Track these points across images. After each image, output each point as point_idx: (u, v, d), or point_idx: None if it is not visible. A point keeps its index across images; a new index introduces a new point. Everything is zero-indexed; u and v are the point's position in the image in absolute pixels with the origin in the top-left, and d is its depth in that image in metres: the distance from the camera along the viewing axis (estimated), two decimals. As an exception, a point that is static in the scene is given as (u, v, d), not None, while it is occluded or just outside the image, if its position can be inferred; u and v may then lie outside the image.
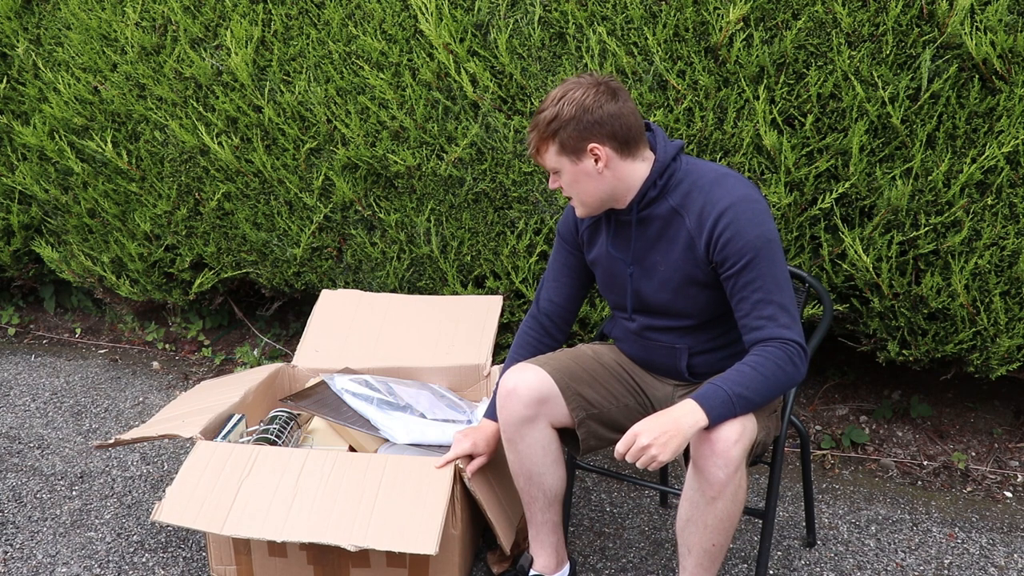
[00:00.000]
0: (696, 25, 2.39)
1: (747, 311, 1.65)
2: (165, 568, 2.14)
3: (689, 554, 1.71)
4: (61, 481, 2.56)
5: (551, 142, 1.69)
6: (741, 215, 1.64)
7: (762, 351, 1.62)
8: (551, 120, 1.67)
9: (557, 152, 1.70)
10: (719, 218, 1.65)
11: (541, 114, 1.69)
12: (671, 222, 1.73)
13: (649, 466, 1.53)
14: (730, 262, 1.65)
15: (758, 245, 1.63)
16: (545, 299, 1.99)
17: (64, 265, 3.52)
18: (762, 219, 1.65)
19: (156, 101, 3.11)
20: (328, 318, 2.57)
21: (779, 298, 1.64)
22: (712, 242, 1.67)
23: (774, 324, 1.63)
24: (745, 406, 1.58)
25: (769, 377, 1.60)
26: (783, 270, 1.66)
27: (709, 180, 1.70)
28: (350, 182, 2.90)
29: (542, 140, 1.70)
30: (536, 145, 1.72)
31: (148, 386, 3.26)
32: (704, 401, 1.57)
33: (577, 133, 1.67)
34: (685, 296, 1.77)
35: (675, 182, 1.73)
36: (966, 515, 2.33)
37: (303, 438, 2.23)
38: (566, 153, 1.69)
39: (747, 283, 1.65)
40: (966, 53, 2.19)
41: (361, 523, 1.74)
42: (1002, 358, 2.37)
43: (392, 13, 2.70)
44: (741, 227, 1.64)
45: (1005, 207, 2.25)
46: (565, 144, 1.68)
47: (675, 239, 1.73)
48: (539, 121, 1.69)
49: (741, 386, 1.58)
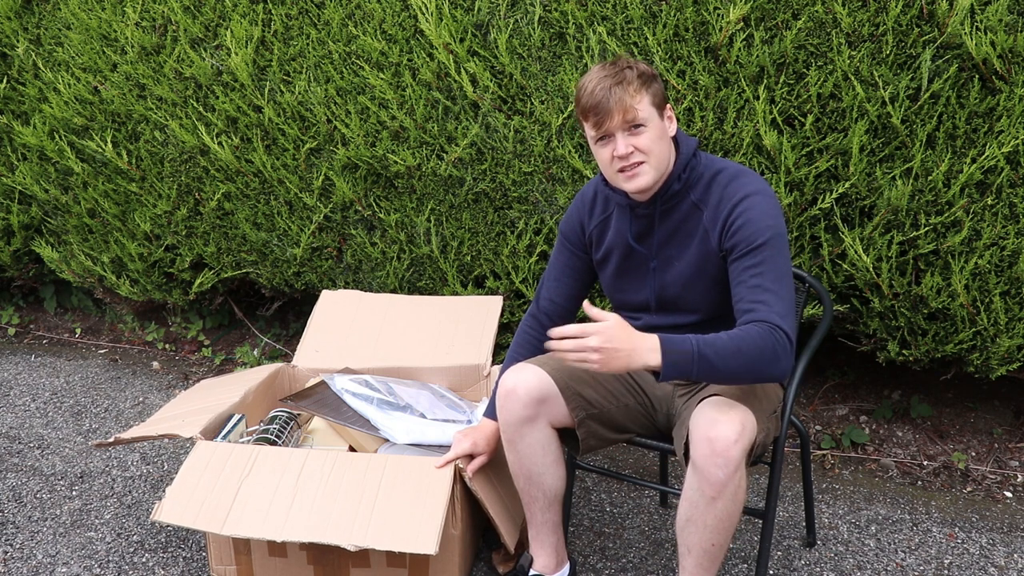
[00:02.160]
0: (696, 25, 2.39)
1: (743, 295, 1.64)
2: (165, 568, 2.14)
3: (689, 554, 1.70)
4: (61, 481, 2.56)
5: (646, 92, 1.66)
6: (756, 205, 1.66)
7: (748, 328, 1.58)
8: (644, 71, 1.66)
9: (650, 102, 1.67)
10: (735, 206, 1.67)
11: (626, 70, 1.65)
12: (690, 217, 1.74)
13: (580, 364, 1.52)
14: (740, 247, 1.66)
15: (768, 235, 1.64)
16: (545, 298, 1.99)
17: (64, 265, 3.52)
18: (776, 213, 1.68)
19: (156, 101, 3.11)
20: (328, 318, 2.57)
21: (777, 288, 1.62)
22: (726, 228, 1.68)
23: (767, 308, 1.60)
24: (706, 370, 1.54)
25: (743, 352, 1.55)
26: (787, 267, 1.66)
27: (728, 175, 1.72)
28: (350, 182, 2.90)
29: (644, 85, 1.65)
30: (635, 91, 1.64)
31: (148, 386, 3.26)
32: (667, 346, 1.54)
33: (661, 91, 1.68)
34: (696, 291, 1.77)
35: (695, 176, 1.74)
36: (966, 515, 2.33)
37: (303, 438, 2.23)
38: (656, 106, 1.68)
39: (749, 267, 1.64)
40: (966, 53, 2.19)
41: (361, 523, 1.74)
42: (1002, 358, 2.37)
43: (392, 13, 2.70)
44: (754, 215, 1.66)
45: (1005, 207, 2.25)
46: (656, 96, 1.67)
47: (692, 233, 1.74)
48: (629, 75, 1.65)
49: (710, 347, 1.54)
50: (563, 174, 2.60)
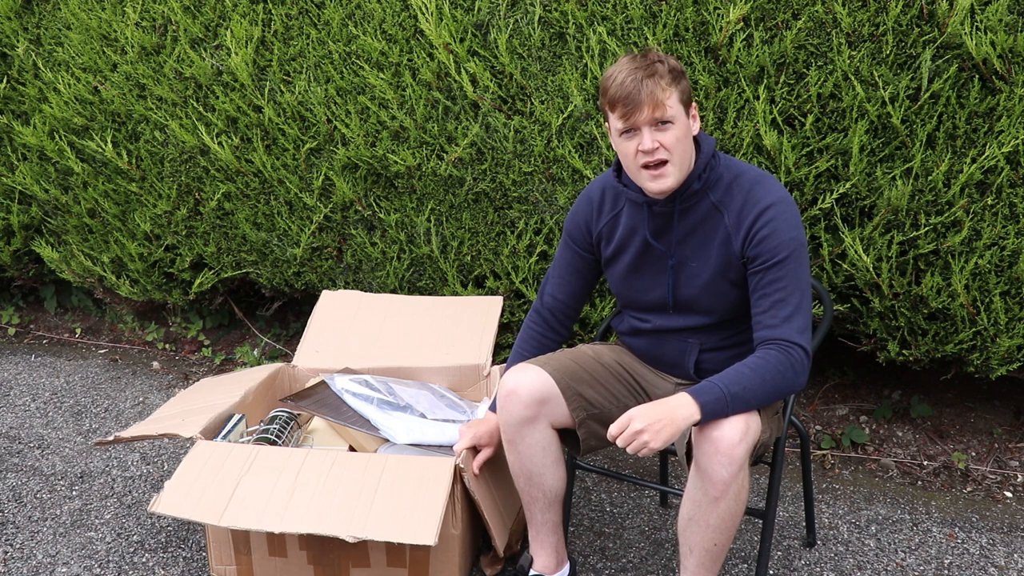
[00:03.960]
0: (696, 25, 2.39)
1: (765, 308, 1.66)
2: (165, 568, 2.14)
3: (691, 553, 1.70)
4: (61, 481, 2.56)
5: (675, 88, 1.64)
6: (781, 215, 1.66)
7: (765, 354, 1.63)
8: (674, 67, 1.64)
9: (678, 99, 1.65)
10: (761, 214, 1.67)
11: (659, 63, 1.62)
12: (709, 218, 1.74)
13: (640, 452, 1.54)
14: (763, 258, 1.66)
15: (792, 247, 1.65)
16: (549, 295, 1.99)
17: (64, 265, 3.52)
18: (798, 223, 1.68)
19: (156, 101, 3.11)
20: (328, 318, 2.57)
21: (799, 302, 1.65)
22: (749, 237, 1.68)
23: (788, 326, 1.63)
24: (739, 405, 1.58)
25: (767, 380, 1.60)
26: (807, 277, 1.68)
27: (750, 179, 1.72)
28: (350, 182, 2.90)
29: (674, 80, 1.63)
30: (665, 86, 1.62)
31: (148, 386, 3.26)
32: (699, 396, 1.58)
33: (688, 89, 1.67)
34: (713, 293, 1.77)
35: (715, 177, 1.74)
36: (966, 515, 2.33)
37: (303, 438, 2.23)
38: (683, 104, 1.66)
39: (773, 280, 1.66)
40: (966, 53, 2.19)
41: (360, 516, 1.74)
42: (1002, 358, 2.37)
43: (392, 13, 2.70)
44: (779, 226, 1.66)
45: (1005, 207, 2.25)
46: (683, 94, 1.65)
47: (711, 235, 1.74)
48: (659, 69, 1.62)
49: (737, 385, 1.58)
50: (563, 174, 2.60)
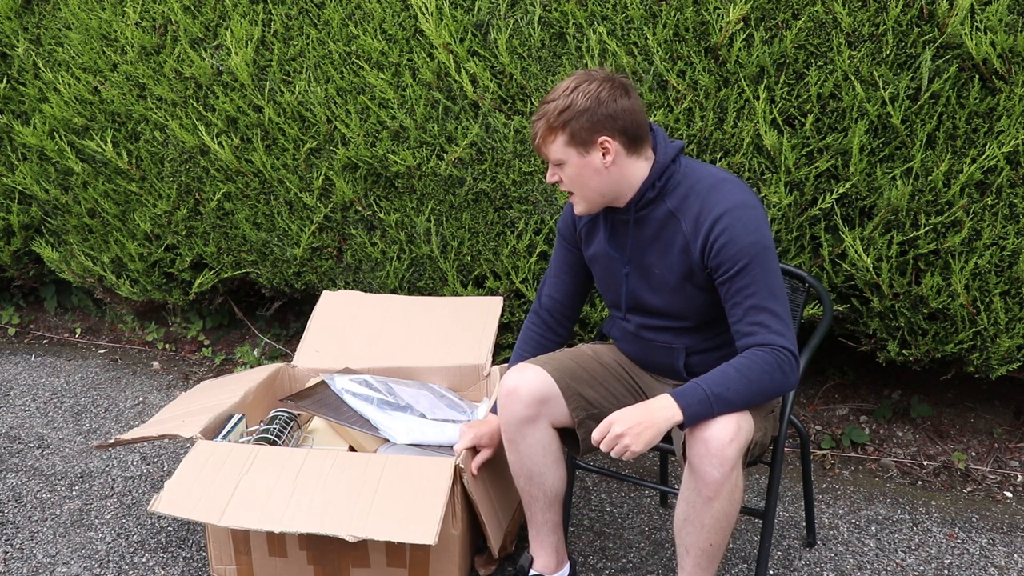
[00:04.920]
0: (696, 25, 2.39)
1: (739, 316, 1.66)
2: (165, 568, 2.14)
3: (687, 554, 1.71)
4: (61, 481, 2.56)
5: (560, 132, 1.67)
6: (737, 221, 1.64)
7: (751, 355, 1.62)
8: (563, 109, 1.66)
9: (565, 143, 1.68)
10: (715, 223, 1.66)
11: (551, 103, 1.67)
12: (667, 225, 1.74)
13: (622, 456, 1.56)
14: (724, 267, 1.66)
15: (752, 252, 1.64)
16: (546, 295, 2.01)
17: (64, 265, 3.52)
18: (758, 226, 1.65)
19: (156, 101, 3.11)
20: (328, 318, 2.57)
21: (772, 305, 1.64)
22: (707, 247, 1.67)
23: (766, 331, 1.63)
24: (723, 406, 1.58)
25: (753, 380, 1.60)
26: (777, 278, 1.67)
27: (707, 184, 1.70)
28: (350, 182, 2.90)
29: (551, 129, 1.68)
30: (543, 134, 1.69)
31: (148, 386, 3.26)
32: (681, 398, 1.58)
33: (590, 124, 1.66)
34: (682, 299, 1.77)
35: (673, 184, 1.73)
36: (966, 515, 2.33)
37: (303, 438, 2.23)
38: (575, 144, 1.68)
39: (740, 289, 1.65)
40: (966, 53, 2.19)
41: (360, 516, 1.74)
42: (1002, 358, 2.37)
43: (392, 13, 2.70)
44: (736, 233, 1.64)
45: (1005, 207, 2.25)
46: (576, 135, 1.67)
47: (671, 242, 1.74)
48: (548, 110, 1.67)
49: (721, 386, 1.58)
50: (563, 174, 2.60)
